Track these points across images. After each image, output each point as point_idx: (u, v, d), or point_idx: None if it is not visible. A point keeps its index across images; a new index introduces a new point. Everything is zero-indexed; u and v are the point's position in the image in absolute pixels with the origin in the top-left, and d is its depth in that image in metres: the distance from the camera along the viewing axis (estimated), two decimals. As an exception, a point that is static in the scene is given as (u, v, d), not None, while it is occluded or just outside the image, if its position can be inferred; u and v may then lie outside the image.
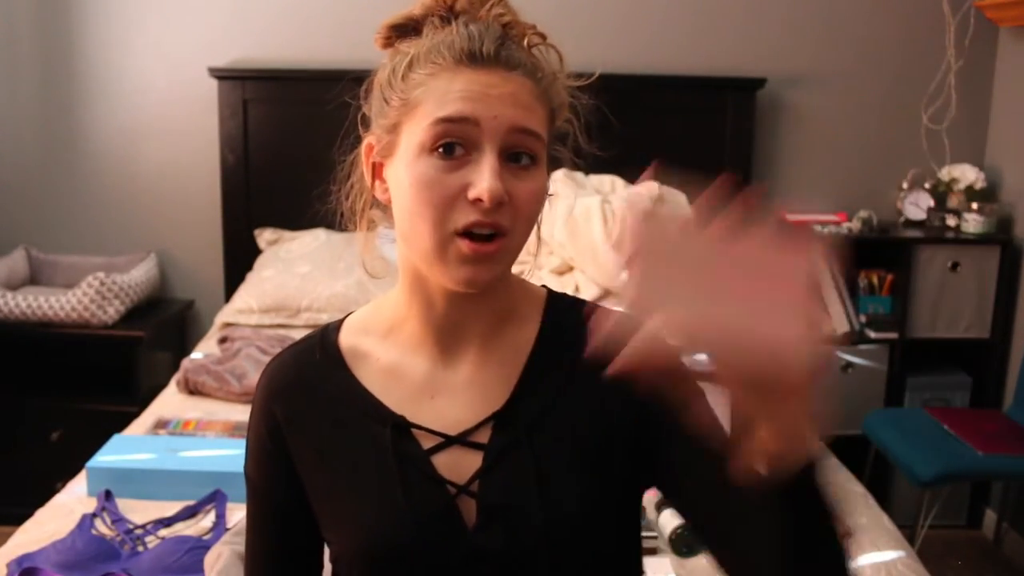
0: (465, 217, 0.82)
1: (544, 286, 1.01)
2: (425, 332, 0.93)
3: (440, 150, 0.83)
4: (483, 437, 0.91)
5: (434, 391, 0.93)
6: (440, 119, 0.83)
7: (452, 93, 0.83)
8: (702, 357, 0.62)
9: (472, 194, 0.82)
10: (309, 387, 0.95)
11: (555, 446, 0.91)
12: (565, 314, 0.97)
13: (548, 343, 0.95)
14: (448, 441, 0.91)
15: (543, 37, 0.91)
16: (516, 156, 0.85)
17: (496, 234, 0.83)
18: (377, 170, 0.91)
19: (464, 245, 0.83)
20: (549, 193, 0.94)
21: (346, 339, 0.96)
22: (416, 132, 0.84)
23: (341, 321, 0.99)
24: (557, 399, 0.92)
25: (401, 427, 0.91)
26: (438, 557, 0.88)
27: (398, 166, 0.87)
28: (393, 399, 0.93)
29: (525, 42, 0.89)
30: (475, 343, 0.93)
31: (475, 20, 0.88)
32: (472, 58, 0.84)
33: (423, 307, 0.92)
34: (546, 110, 0.88)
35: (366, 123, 0.94)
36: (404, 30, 0.91)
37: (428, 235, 0.84)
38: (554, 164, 0.94)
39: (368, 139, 0.92)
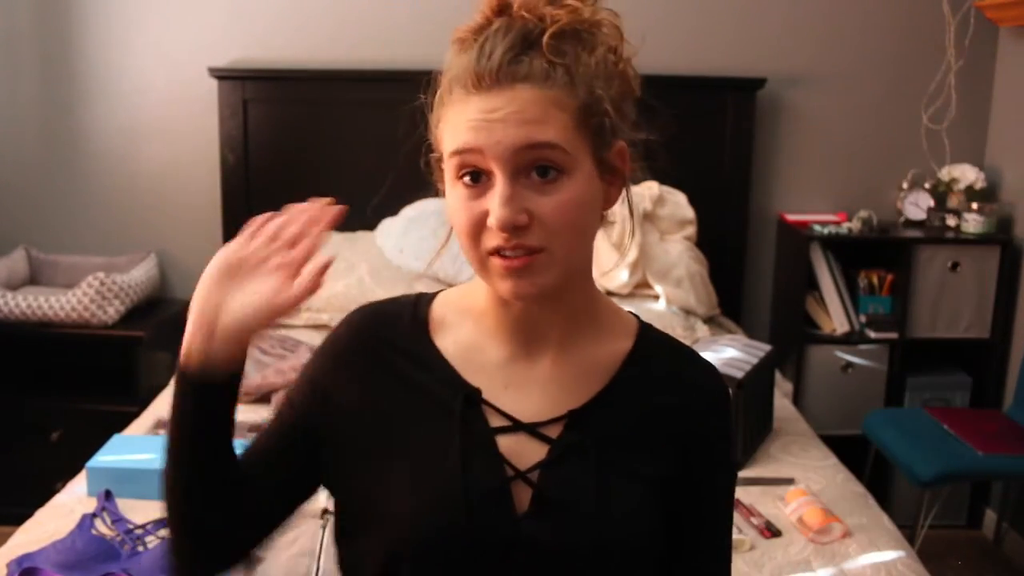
0: (492, 241, 0.85)
1: (633, 313, 1.03)
2: (503, 326, 0.96)
3: (466, 178, 0.86)
4: (552, 432, 0.92)
5: (509, 380, 0.95)
6: (452, 152, 0.86)
7: (460, 124, 0.85)
8: None
9: (488, 223, 0.84)
10: (387, 345, 0.97)
11: (620, 459, 0.93)
12: (656, 345, 1.00)
13: (638, 366, 0.97)
14: (516, 426, 0.92)
15: (584, 21, 0.86)
16: (543, 170, 0.84)
17: (527, 252, 0.85)
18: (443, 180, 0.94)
19: (497, 262, 0.86)
20: (630, 186, 0.94)
21: (437, 310, 0.99)
22: (446, 163, 0.88)
23: (435, 294, 1.02)
24: (634, 420, 0.95)
25: (472, 399, 0.93)
26: (482, 535, 0.88)
27: (447, 188, 0.90)
28: (470, 373, 0.94)
29: (545, 39, 0.84)
30: (553, 345, 0.96)
31: (510, 27, 0.85)
32: (478, 82, 0.84)
33: (500, 305, 0.95)
34: (568, 113, 0.84)
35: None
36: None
37: (468, 254, 0.88)
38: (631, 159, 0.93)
39: (435, 154, 0.95)
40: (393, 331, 0.97)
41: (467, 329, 0.97)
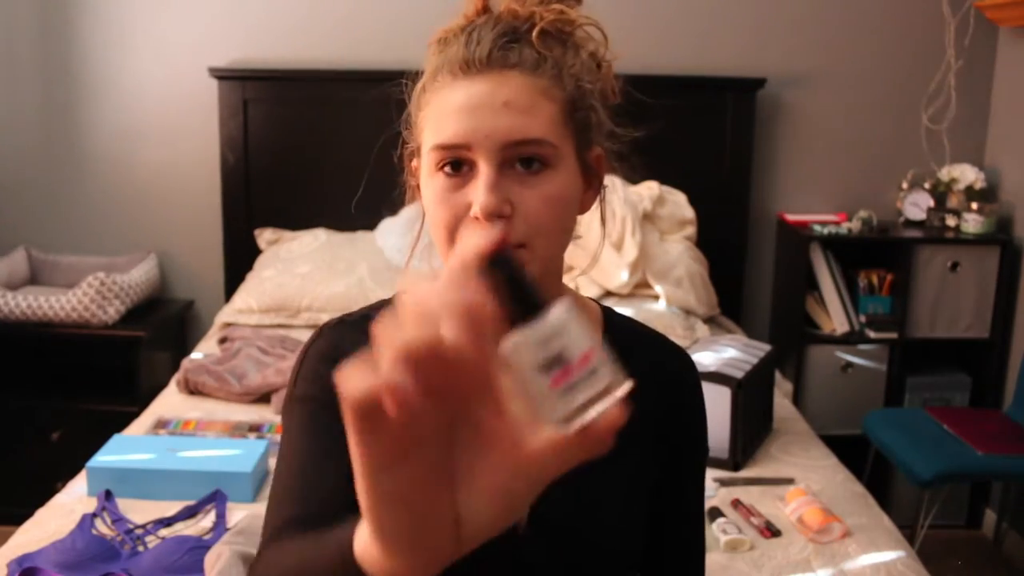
0: None
1: (596, 301, 1.01)
2: None
3: (446, 168, 0.84)
4: None
5: None
6: (436, 146, 0.83)
7: (445, 115, 0.83)
8: None
9: (472, 213, 0.82)
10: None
11: (603, 463, 0.91)
12: (628, 336, 0.98)
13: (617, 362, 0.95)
14: None
15: (571, 22, 0.87)
16: (527, 161, 0.83)
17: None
18: (417, 174, 0.93)
19: None
20: (604, 185, 0.92)
21: None
22: (425, 155, 0.86)
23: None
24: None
25: None
26: (487, 558, 0.87)
27: (423, 181, 0.88)
28: None
29: (535, 32, 0.84)
30: None
31: (498, 20, 0.85)
32: (467, 66, 0.83)
33: None
34: (557, 104, 0.84)
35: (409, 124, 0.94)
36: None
37: (444, 248, 0.85)
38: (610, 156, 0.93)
39: (410, 146, 0.93)
40: (367, 341, 0.91)
41: None
